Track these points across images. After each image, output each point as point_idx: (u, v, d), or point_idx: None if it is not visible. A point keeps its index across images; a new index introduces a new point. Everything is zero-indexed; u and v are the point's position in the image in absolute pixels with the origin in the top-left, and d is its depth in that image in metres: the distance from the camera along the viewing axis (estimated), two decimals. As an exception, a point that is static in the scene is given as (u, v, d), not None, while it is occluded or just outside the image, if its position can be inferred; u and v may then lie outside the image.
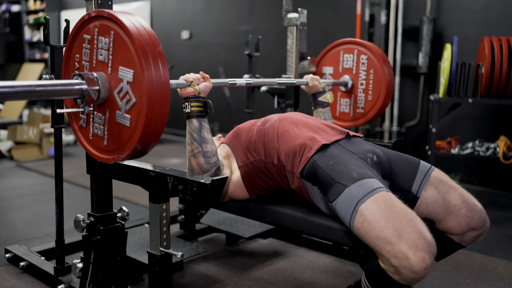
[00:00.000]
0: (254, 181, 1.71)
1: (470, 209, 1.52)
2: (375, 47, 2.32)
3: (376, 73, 2.31)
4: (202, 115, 1.59)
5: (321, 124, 1.71)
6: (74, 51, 1.46)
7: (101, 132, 1.41)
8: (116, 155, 1.37)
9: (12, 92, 1.16)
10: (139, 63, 1.24)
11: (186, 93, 1.59)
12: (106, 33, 1.34)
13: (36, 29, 8.13)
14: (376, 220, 1.29)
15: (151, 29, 1.32)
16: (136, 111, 1.28)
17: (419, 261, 1.21)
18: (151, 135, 1.29)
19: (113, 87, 1.33)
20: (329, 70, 2.46)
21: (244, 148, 1.73)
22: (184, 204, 2.40)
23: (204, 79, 1.63)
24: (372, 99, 2.34)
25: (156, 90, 1.25)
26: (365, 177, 1.40)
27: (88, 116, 1.45)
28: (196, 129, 1.58)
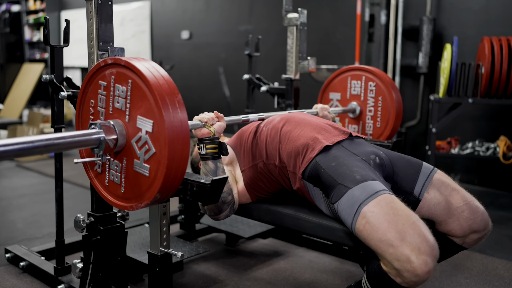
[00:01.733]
0: (257, 185, 1.71)
1: (473, 211, 1.52)
2: (383, 74, 2.31)
3: (384, 100, 2.30)
4: (217, 156, 1.57)
5: (324, 124, 1.70)
6: (89, 96, 1.44)
7: (117, 180, 1.39)
8: (134, 203, 1.35)
9: (31, 147, 1.16)
10: (159, 114, 1.22)
11: (201, 134, 1.55)
12: (123, 81, 1.32)
13: (36, 29, 8.13)
14: (379, 223, 1.29)
15: (169, 76, 1.30)
16: (156, 161, 1.26)
17: (422, 264, 1.21)
18: (171, 184, 1.28)
19: (131, 136, 1.32)
20: (336, 96, 2.45)
21: (247, 150, 1.74)
22: (184, 204, 2.40)
23: (219, 119, 1.60)
24: (381, 126, 2.33)
25: (177, 141, 1.23)
26: (368, 179, 1.39)
27: (104, 163, 1.43)
28: (212, 171, 1.55)
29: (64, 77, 1.86)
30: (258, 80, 2.71)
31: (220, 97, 5.64)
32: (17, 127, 4.81)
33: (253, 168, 1.70)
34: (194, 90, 6.02)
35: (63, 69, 1.89)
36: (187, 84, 6.07)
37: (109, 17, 1.59)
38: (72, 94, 1.79)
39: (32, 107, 6.96)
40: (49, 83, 1.85)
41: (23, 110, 6.47)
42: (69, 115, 6.71)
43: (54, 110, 1.88)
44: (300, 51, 2.43)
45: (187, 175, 1.43)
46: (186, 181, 1.40)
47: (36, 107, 7.08)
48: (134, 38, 6.74)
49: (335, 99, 2.46)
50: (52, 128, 1.90)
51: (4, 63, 7.99)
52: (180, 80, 6.06)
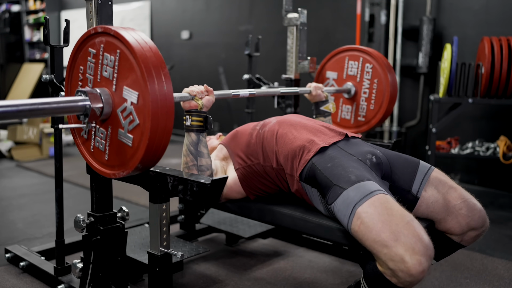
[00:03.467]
0: (252, 184, 1.72)
1: (470, 209, 1.53)
2: (381, 57, 2.31)
3: (380, 83, 2.30)
4: (201, 130, 1.59)
5: (320, 126, 1.71)
6: (79, 62, 1.45)
7: (102, 147, 1.42)
8: (117, 171, 1.38)
9: (15, 111, 1.16)
10: (145, 86, 1.23)
11: (189, 106, 1.59)
12: (112, 50, 1.33)
13: (36, 29, 8.12)
14: (373, 223, 1.29)
15: (157, 49, 1.31)
16: (139, 132, 1.28)
17: (416, 264, 1.21)
18: (153, 155, 1.30)
19: (117, 105, 1.33)
20: (333, 75, 2.45)
21: (241, 151, 1.74)
22: (184, 204, 2.40)
23: (208, 93, 1.62)
24: (374, 109, 2.33)
25: (161, 114, 1.24)
26: (362, 180, 1.40)
27: (90, 130, 1.45)
28: (194, 143, 1.59)
29: (64, 77, 1.86)
30: (258, 80, 2.71)
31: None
32: (17, 127, 4.81)
33: (248, 167, 1.71)
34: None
35: (63, 69, 1.88)
36: (187, 84, 5.99)
37: (109, 17, 1.60)
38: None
39: (32, 107, 6.95)
40: (49, 83, 1.85)
41: (23, 110, 6.47)
42: (69, 115, 6.71)
43: (54, 110, 1.88)
44: (300, 51, 2.43)
45: (187, 175, 1.43)
46: (186, 181, 1.40)
47: (36, 107, 7.07)
48: (134, 38, 6.73)
49: (331, 78, 2.46)
50: (52, 128, 1.90)
51: (4, 63, 7.99)
52: (180, 80, 6.05)
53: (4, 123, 5.67)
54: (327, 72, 2.47)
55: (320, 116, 2.20)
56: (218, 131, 5.64)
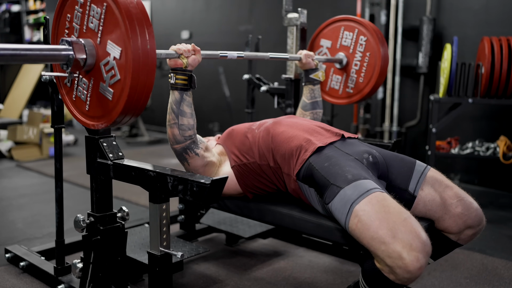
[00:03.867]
0: (249, 182, 1.72)
1: (467, 207, 1.53)
2: (376, 30, 2.30)
3: (372, 56, 2.30)
4: (185, 88, 1.61)
5: (316, 127, 1.71)
6: (66, 10, 1.45)
7: (84, 97, 1.43)
8: (96, 122, 1.41)
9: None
10: (128, 43, 1.24)
11: (174, 64, 1.59)
12: (99, 2, 1.33)
13: (36, 29, 8.13)
14: (370, 221, 1.29)
15: (144, 8, 1.31)
16: (119, 88, 1.29)
17: (413, 260, 1.22)
18: (132, 111, 1.32)
19: (100, 58, 1.34)
20: (327, 43, 2.44)
21: (237, 149, 1.74)
22: (184, 204, 2.40)
23: (195, 52, 1.63)
24: (363, 82, 2.34)
25: (142, 72, 1.26)
26: (359, 178, 1.40)
27: (73, 79, 1.47)
28: (177, 102, 1.60)
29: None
30: (258, 80, 2.71)
31: (220, 97, 5.64)
32: (17, 127, 4.81)
33: (244, 166, 1.71)
34: (194, 90, 6.02)
35: (63, 69, 1.89)
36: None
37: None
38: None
39: (32, 107, 6.96)
40: (49, 83, 1.84)
41: (23, 110, 6.47)
42: (69, 115, 6.71)
43: (54, 110, 1.88)
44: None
45: (187, 175, 1.43)
46: (186, 181, 1.40)
47: (36, 107, 7.07)
48: (134, 38, 6.74)
49: (325, 46, 2.45)
50: (52, 128, 1.90)
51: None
52: (180, 80, 6.05)
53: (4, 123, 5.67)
54: (321, 40, 2.46)
55: (309, 84, 2.19)
56: (218, 131, 5.64)
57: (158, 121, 6.75)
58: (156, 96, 6.55)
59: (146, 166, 1.55)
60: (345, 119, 4.55)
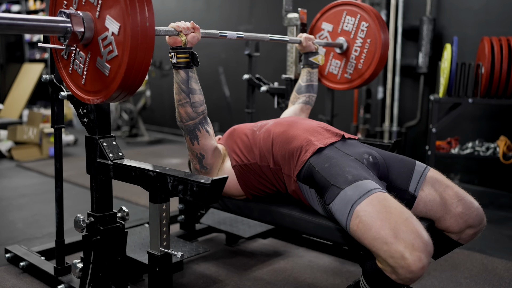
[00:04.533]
0: (249, 182, 1.72)
1: (467, 207, 1.53)
2: (378, 16, 2.28)
3: (372, 43, 2.29)
4: (189, 65, 1.59)
5: (317, 127, 1.71)
6: None
7: (80, 71, 1.42)
8: (92, 97, 1.39)
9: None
10: (127, 20, 1.22)
11: (174, 42, 1.58)
12: None
13: (36, 29, 8.12)
14: (372, 221, 1.29)
15: None
16: (116, 64, 1.28)
17: (416, 260, 1.22)
18: (128, 88, 1.31)
19: (99, 32, 1.32)
20: (328, 27, 2.42)
21: (238, 149, 1.74)
22: (184, 204, 2.40)
23: (194, 30, 1.61)
24: (362, 68, 2.33)
25: (140, 50, 1.25)
26: (360, 179, 1.40)
27: (70, 52, 1.45)
28: (184, 81, 1.59)
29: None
30: (258, 80, 2.71)
31: (220, 97, 5.64)
32: (17, 127, 4.81)
33: (245, 166, 1.71)
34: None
35: (63, 69, 1.88)
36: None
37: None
38: (72, 94, 1.79)
39: (32, 107, 6.96)
40: (49, 83, 1.85)
41: (23, 110, 6.47)
42: (69, 115, 6.71)
43: (54, 110, 1.88)
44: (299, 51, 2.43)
45: (187, 175, 1.43)
46: (186, 181, 1.40)
47: (36, 107, 7.08)
48: (134, 38, 6.74)
49: (326, 30, 2.44)
50: (52, 128, 1.90)
51: (4, 63, 8.00)
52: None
53: (4, 123, 5.67)
54: (323, 23, 2.45)
55: (308, 67, 2.18)
56: (218, 131, 5.64)
57: (158, 121, 6.75)
58: (156, 96, 6.55)
59: (146, 166, 1.55)
60: (345, 119, 4.55)
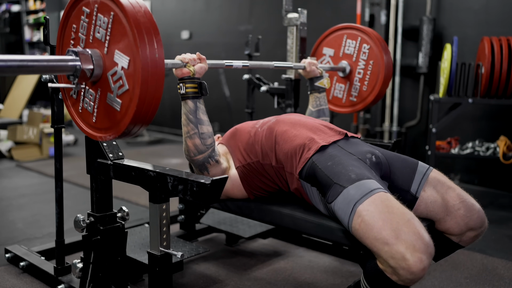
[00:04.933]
0: (252, 182, 1.71)
1: (469, 209, 1.53)
2: (379, 38, 2.29)
3: (375, 65, 2.29)
4: (197, 96, 1.59)
5: (319, 125, 1.71)
6: (72, 20, 1.43)
7: (90, 109, 1.41)
8: (104, 134, 1.38)
9: (4, 66, 1.15)
10: (136, 52, 1.23)
11: (181, 73, 1.58)
12: (106, 12, 1.31)
13: (36, 29, 8.13)
14: (374, 221, 1.29)
15: (152, 16, 1.29)
16: (128, 98, 1.28)
17: (417, 262, 1.21)
18: (141, 121, 1.30)
19: (108, 68, 1.32)
20: (329, 52, 2.43)
21: (241, 149, 1.74)
22: (184, 204, 2.40)
23: (200, 60, 1.62)
24: (367, 90, 2.33)
25: (150, 82, 1.24)
26: (363, 178, 1.40)
27: (79, 91, 1.45)
28: (192, 111, 1.58)
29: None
30: (258, 80, 2.71)
31: (220, 97, 5.64)
32: (17, 127, 4.81)
33: (248, 166, 1.71)
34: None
35: (63, 69, 1.88)
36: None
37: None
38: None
39: (32, 107, 6.96)
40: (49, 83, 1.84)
41: (23, 110, 6.47)
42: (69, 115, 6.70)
43: (54, 110, 1.88)
44: (300, 51, 2.43)
45: (187, 175, 1.44)
46: (186, 181, 1.40)
47: (36, 107, 7.07)
48: (134, 38, 6.73)
49: (328, 54, 2.44)
50: (52, 128, 1.90)
51: (4, 63, 7.98)
52: (180, 80, 6.05)
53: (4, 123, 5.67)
54: (324, 48, 2.45)
55: (315, 92, 2.17)
56: (218, 131, 5.64)
57: (158, 121, 6.75)
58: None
59: (146, 166, 1.55)
60: (345, 119, 4.55)
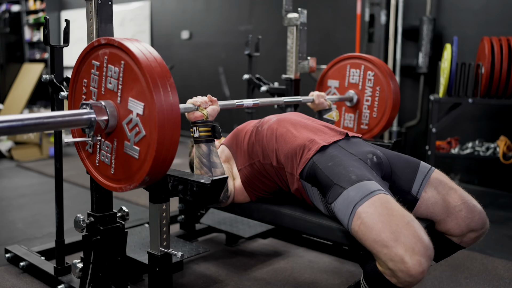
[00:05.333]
0: (254, 183, 1.71)
1: (470, 210, 1.52)
2: (383, 64, 2.30)
3: (382, 90, 2.29)
4: (210, 139, 1.57)
5: (320, 125, 1.71)
6: (82, 75, 1.44)
7: (108, 160, 1.40)
8: (124, 184, 1.36)
9: (20, 125, 1.16)
10: (150, 97, 1.22)
11: (194, 117, 1.55)
12: (116, 62, 1.32)
13: (36, 29, 8.12)
14: (373, 223, 1.29)
15: (162, 59, 1.29)
16: (145, 144, 1.26)
17: (416, 264, 1.21)
18: (160, 167, 1.28)
19: (122, 117, 1.31)
20: (334, 83, 2.44)
21: (243, 150, 1.73)
22: (184, 204, 2.40)
23: (212, 102, 1.60)
24: (377, 117, 2.32)
25: (167, 124, 1.23)
26: (363, 179, 1.40)
27: (95, 144, 1.43)
28: (205, 154, 1.56)
29: (64, 77, 1.86)
30: (258, 80, 2.71)
31: (220, 97, 5.63)
32: (17, 127, 4.81)
33: (250, 167, 1.70)
34: (194, 90, 6.02)
35: (63, 69, 1.89)
36: (187, 84, 6.07)
37: (109, 17, 1.59)
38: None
39: (32, 107, 6.96)
40: (49, 83, 1.85)
41: (23, 110, 6.47)
42: (69, 115, 6.71)
43: (54, 110, 1.88)
44: (300, 51, 2.43)
45: (187, 175, 1.44)
46: (186, 181, 1.40)
47: (36, 107, 7.07)
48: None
49: (333, 86, 2.44)
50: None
51: (4, 63, 7.99)
52: (180, 80, 6.05)
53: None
54: (328, 81, 2.46)
55: None
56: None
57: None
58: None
59: (146, 166, 1.55)
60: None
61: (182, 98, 1.63)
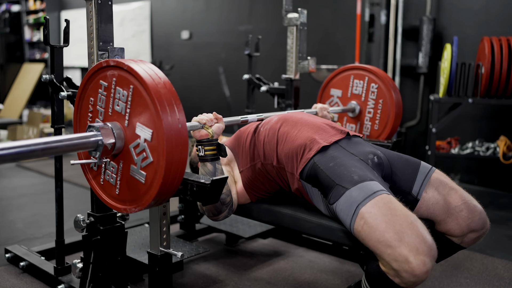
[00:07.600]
0: (255, 185, 1.71)
1: (471, 210, 1.52)
2: (387, 77, 2.29)
3: (385, 103, 2.28)
4: (216, 158, 1.56)
5: (322, 123, 1.70)
6: (89, 93, 1.42)
7: (113, 181, 1.39)
8: (129, 206, 1.35)
9: (28, 151, 1.15)
10: (159, 125, 1.21)
11: (200, 136, 1.55)
12: (124, 85, 1.30)
13: (36, 29, 8.12)
14: (377, 224, 1.29)
15: (171, 85, 1.28)
16: (152, 170, 1.25)
17: (420, 264, 1.21)
18: (167, 192, 1.27)
19: (129, 141, 1.31)
20: (337, 93, 2.43)
21: (245, 151, 1.74)
22: (184, 204, 2.40)
23: (217, 120, 1.60)
24: (378, 129, 2.32)
25: (175, 152, 1.22)
26: (365, 180, 1.39)
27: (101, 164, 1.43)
28: (211, 173, 1.55)
29: (64, 77, 1.87)
30: (258, 80, 2.71)
31: (220, 97, 5.64)
32: (17, 127, 4.81)
33: (251, 168, 1.70)
34: (194, 90, 6.02)
35: (63, 69, 1.89)
36: (187, 84, 6.07)
37: (109, 17, 1.59)
38: (72, 94, 1.79)
39: (32, 107, 6.96)
40: (49, 83, 1.85)
41: (23, 110, 6.47)
42: (69, 115, 6.71)
43: (54, 110, 1.88)
44: (300, 51, 2.43)
45: (187, 175, 1.43)
46: (186, 181, 1.40)
47: (36, 107, 7.07)
48: (134, 38, 6.74)
49: (336, 95, 2.44)
50: (52, 128, 1.90)
51: (4, 63, 7.99)
52: (180, 80, 6.05)
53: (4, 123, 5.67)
54: (331, 90, 2.45)
55: None
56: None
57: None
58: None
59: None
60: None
61: (182, 98, 1.63)
